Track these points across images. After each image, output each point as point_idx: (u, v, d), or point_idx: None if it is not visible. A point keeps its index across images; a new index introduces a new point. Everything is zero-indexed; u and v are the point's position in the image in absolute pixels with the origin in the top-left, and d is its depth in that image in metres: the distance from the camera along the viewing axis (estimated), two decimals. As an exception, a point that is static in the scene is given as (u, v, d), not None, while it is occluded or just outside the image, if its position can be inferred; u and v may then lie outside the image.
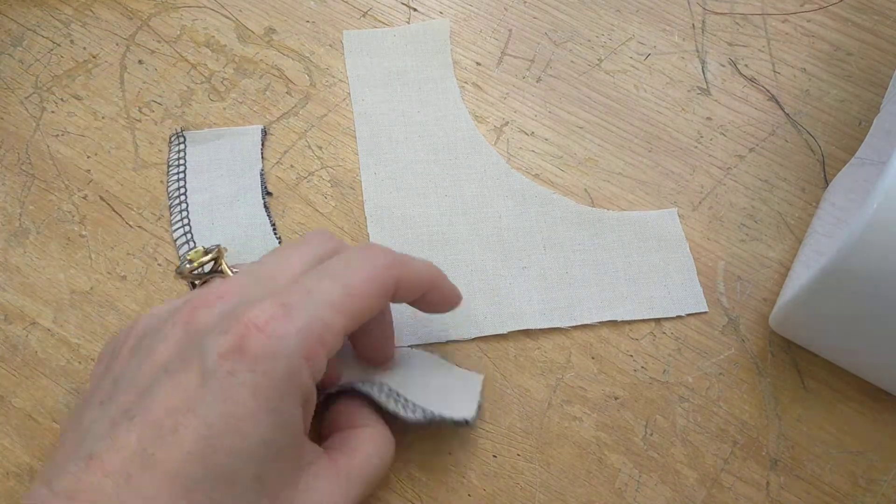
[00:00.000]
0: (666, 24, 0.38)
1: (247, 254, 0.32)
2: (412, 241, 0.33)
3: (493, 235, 0.33)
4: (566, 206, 0.34)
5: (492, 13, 0.38)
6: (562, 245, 0.33)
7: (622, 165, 0.35)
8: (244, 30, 0.37)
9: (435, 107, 0.36)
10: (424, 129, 0.35)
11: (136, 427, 0.20)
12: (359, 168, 0.35)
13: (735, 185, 0.35)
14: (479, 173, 0.34)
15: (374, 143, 0.35)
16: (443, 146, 0.35)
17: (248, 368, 0.21)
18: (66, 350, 0.31)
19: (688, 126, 0.36)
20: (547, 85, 0.37)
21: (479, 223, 0.33)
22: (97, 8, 0.38)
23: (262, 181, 0.34)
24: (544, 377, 0.31)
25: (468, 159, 0.35)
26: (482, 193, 0.34)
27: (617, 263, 0.33)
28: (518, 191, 0.34)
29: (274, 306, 0.22)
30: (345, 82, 0.37)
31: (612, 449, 0.29)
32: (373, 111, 0.36)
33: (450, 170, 0.34)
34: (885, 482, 0.29)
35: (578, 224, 0.33)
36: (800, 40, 0.37)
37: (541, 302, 0.32)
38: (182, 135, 0.35)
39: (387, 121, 0.36)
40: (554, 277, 0.32)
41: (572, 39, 0.38)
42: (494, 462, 0.30)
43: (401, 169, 0.35)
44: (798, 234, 0.34)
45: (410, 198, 0.34)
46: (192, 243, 0.32)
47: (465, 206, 0.34)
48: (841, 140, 0.35)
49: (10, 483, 0.29)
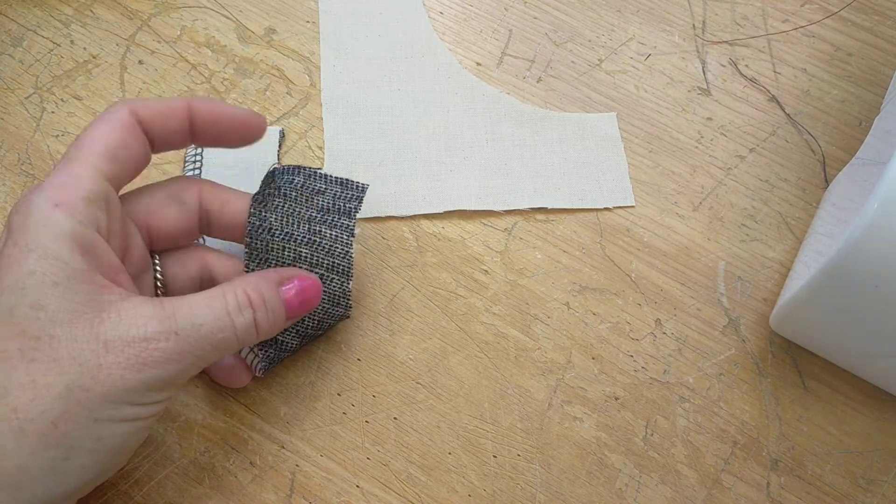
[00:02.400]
0: (666, 24, 0.38)
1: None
2: (363, 127, 0.35)
3: (440, 128, 0.35)
4: (511, 104, 0.36)
5: (492, 13, 0.38)
6: (503, 139, 0.35)
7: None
8: (244, 30, 0.37)
9: (396, 8, 0.38)
10: (385, 28, 0.38)
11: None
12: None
13: (735, 186, 0.35)
14: (432, 71, 0.37)
15: (337, 39, 0.37)
16: (400, 45, 0.37)
17: (9, 236, 0.23)
18: (66, 350, 0.31)
19: (688, 126, 0.36)
20: (547, 85, 0.37)
21: (427, 116, 0.36)
22: (97, 8, 0.38)
23: None
24: (545, 377, 0.31)
25: (423, 59, 0.37)
26: (433, 90, 0.36)
27: (554, 159, 0.35)
28: (467, 88, 0.36)
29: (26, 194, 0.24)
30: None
31: (612, 449, 0.29)
32: (338, 10, 0.38)
33: (404, 66, 0.37)
34: (885, 482, 0.29)
35: (521, 121, 0.36)
36: (800, 40, 0.37)
37: (478, 188, 0.34)
38: None
39: (351, 20, 0.38)
40: (493, 168, 0.35)
41: (573, 40, 0.38)
42: (494, 462, 0.30)
43: (359, 64, 0.37)
44: (798, 234, 0.34)
45: (364, 89, 0.36)
46: (202, 240, 0.32)
47: (415, 99, 0.36)
48: (841, 140, 0.35)
49: (10, 483, 0.29)
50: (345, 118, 0.36)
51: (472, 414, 0.31)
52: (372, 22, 0.38)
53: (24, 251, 0.22)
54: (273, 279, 0.26)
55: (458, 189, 0.34)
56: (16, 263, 0.22)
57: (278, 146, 0.35)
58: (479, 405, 0.31)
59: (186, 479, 0.30)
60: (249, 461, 0.30)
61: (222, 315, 0.24)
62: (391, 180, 0.34)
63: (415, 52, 0.37)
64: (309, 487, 0.30)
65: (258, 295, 0.25)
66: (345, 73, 0.37)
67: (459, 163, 0.35)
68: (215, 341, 0.24)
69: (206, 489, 0.30)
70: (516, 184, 0.34)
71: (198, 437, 0.30)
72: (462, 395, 0.31)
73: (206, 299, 0.24)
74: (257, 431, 0.30)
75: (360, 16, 0.38)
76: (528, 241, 0.34)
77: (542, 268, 0.33)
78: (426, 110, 0.36)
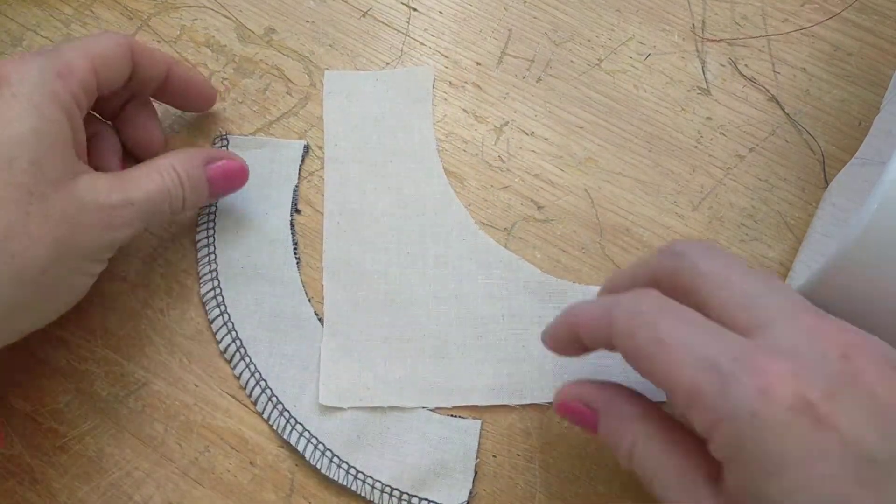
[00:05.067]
0: (666, 24, 0.38)
1: (265, 268, 0.32)
2: (367, 297, 0.32)
3: (452, 299, 0.32)
4: (531, 274, 0.32)
5: (492, 13, 0.38)
6: (522, 316, 0.31)
7: (622, 165, 0.35)
8: (244, 30, 0.37)
9: (409, 158, 0.34)
10: (396, 180, 0.34)
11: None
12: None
13: (735, 185, 0.35)
14: (446, 231, 0.33)
15: (342, 192, 0.34)
16: (412, 200, 0.34)
17: (6, 85, 0.25)
18: (65, 351, 0.31)
19: (688, 126, 0.36)
20: (547, 85, 0.37)
21: (439, 285, 0.32)
22: (97, 8, 0.38)
23: (294, 198, 0.34)
24: (544, 377, 0.31)
25: (436, 216, 0.33)
26: (446, 253, 0.33)
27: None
28: (483, 252, 0.33)
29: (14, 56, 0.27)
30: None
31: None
32: (345, 157, 0.34)
33: (416, 225, 0.33)
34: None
35: (541, 295, 0.32)
36: (800, 40, 0.37)
37: (492, 376, 0.31)
38: (226, 137, 0.35)
39: (358, 169, 0.34)
40: (509, 351, 0.31)
41: (572, 39, 0.38)
42: (494, 462, 0.30)
43: (365, 221, 0.33)
44: (798, 234, 0.34)
45: (371, 252, 0.33)
46: (213, 247, 0.32)
47: (425, 265, 0.32)
48: (841, 140, 0.35)
49: (10, 483, 0.29)
50: (347, 286, 0.32)
51: (473, 413, 0.31)
52: (382, 171, 0.34)
53: (27, 107, 0.25)
54: (201, 158, 0.30)
55: (470, 377, 0.31)
56: (18, 117, 0.25)
57: (300, 161, 0.34)
58: (479, 405, 0.31)
59: (186, 479, 0.30)
60: (249, 461, 0.30)
61: (161, 188, 0.28)
62: (396, 361, 0.31)
63: (427, 208, 0.33)
64: (309, 487, 0.30)
65: (185, 172, 0.29)
66: (349, 232, 0.33)
67: (472, 343, 0.31)
68: (156, 209, 0.28)
69: (206, 489, 0.30)
70: (535, 374, 0.31)
71: (198, 437, 0.30)
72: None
73: (147, 174, 0.28)
74: (257, 432, 0.30)
75: (369, 164, 0.34)
76: (528, 241, 0.34)
77: (542, 268, 0.33)
78: (437, 278, 0.32)
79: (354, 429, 0.30)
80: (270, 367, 0.31)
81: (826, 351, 0.19)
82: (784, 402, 0.18)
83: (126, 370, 0.31)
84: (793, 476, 0.18)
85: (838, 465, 0.18)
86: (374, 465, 0.29)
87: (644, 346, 0.21)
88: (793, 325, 0.20)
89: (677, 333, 0.21)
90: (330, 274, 0.32)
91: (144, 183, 0.28)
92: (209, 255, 0.32)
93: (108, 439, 0.30)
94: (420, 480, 0.29)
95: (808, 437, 0.18)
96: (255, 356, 0.31)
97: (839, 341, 0.20)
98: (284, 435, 0.29)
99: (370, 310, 0.32)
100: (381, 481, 0.29)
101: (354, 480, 0.29)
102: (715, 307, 0.22)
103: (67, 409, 0.31)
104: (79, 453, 0.30)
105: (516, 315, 0.32)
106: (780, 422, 0.18)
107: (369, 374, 0.31)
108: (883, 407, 0.19)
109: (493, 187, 0.35)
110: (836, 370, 0.19)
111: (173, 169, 0.29)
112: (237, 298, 0.32)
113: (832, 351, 0.19)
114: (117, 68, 0.29)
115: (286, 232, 0.33)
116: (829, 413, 0.18)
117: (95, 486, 0.30)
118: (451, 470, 0.29)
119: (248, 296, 0.32)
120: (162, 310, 0.32)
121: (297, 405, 0.30)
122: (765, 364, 0.19)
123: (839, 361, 0.19)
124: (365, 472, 0.29)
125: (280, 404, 0.30)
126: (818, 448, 0.18)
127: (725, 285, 0.22)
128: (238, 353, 0.31)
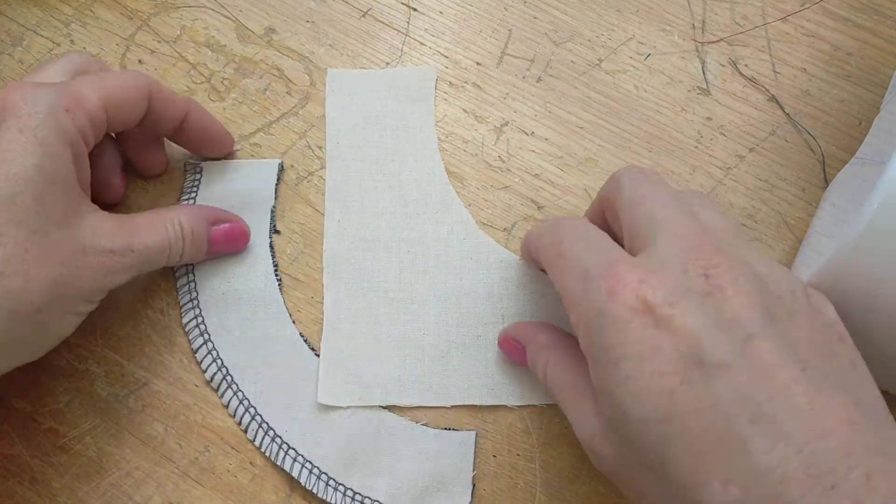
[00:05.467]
0: (666, 24, 0.38)
1: (247, 292, 0.32)
2: (368, 295, 0.32)
3: (452, 299, 0.32)
4: (531, 275, 0.32)
5: (492, 13, 0.38)
6: (521, 315, 0.32)
7: (622, 165, 0.35)
8: (244, 30, 0.37)
9: (411, 157, 0.34)
10: (397, 179, 0.34)
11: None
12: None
13: (735, 185, 0.35)
14: (447, 230, 0.33)
15: (343, 190, 0.34)
16: (413, 199, 0.34)
17: (13, 116, 0.25)
18: (65, 350, 0.31)
19: (688, 126, 0.36)
20: (547, 85, 0.37)
21: (439, 284, 0.32)
22: (97, 8, 0.38)
23: (271, 219, 0.33)
24: (544, 377, 0.31)
25: (437, 215, 0.33)
26: (447, 252, 0.33)
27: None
28: (483, 252, 0.33)
29: (25, 83, 0.26)
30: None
31: (612, 449, 0.29)
32: (347, 155, 0.34)
33: (417, 224, 0.33)
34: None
35: (541, 295, 0.32)
36: (800, 40, 0.37)
37: (491, 375, 0.31)
38: (200, 165, 0.34)
39: (359, 167, 0.34)
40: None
41: (572, 39, 0.38)
42: (494, 462, 0.30)
43: (366, 219, 0.33)
44: (798, 234, 0.34)
45: (371, 251, 0.33)
46: (193, 275, 0.32)
47: (426, 264, 0.32)
48: (841, 140, 0.35)
49: (9, 483, 0.29)
50: (348, 285, 0.32)
51: (472, 414, 0.31)
52: (383, 170, 0.34)
53: (32, 141, 0.25)
54: (207, 218, 0.31)
55: (469, 377, 0.31)
56: (23, 153, 0.24)
57: (276, 180, 0.34)
58: (478, 405, 0.31)
59: (186, 479, 0.30)
60: (249, 461, 0.30)
61: (164, 241, 0.28)
62: (395, 360, 0.31)
63: (429, 207, 0.33)
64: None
65: (189, 228, 0.29)
66: (349, 229, 0.33)
67: (471, 343, 0.31)
68: (154, 260, 0.28)
69: (206, 489, 0.30)
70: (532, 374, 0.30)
71: (198, 437, 0.30)
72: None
73: (152, 224, 0.28)
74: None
75: (371, 163, 0.34)
76: (528, 241, 0.34)
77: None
78: (437, 277, 0.32)
79: (348, 449, 0.30)
80: (259, 393, 0.30)
81: (689, 268, 0.21)
82: (626, 303, 0.21)
83: (126, 370, 0.31)
84: (627, 367, 0.20)
85: (668, 363, 0.20)
86: (371, 484, 0.29)
87: (549, 261, 0.25)
88: (671, 245, 0.22)
89: (572, 249, 0.24)
90: (330, 273, 0.32)
91: (148, 233, 0.28)
92: (189, 284, 0.32)
93: (108, 439, 0.30)
94: (418, 497, 0.29)
95: (644, 333, 0.20)
96: (242, 383, 0.31)
97: (708, 263, 0.21)
98: (278, 461, 0.29)
99: (370, 309, 0.32)
100: (380, 501, 0.29)
101: (352, 502, 0.29)
102: (624, 227, 0.24)
103: (67, 409, 0.31)
104: (79, 453, 0.30)
105: (515, 315, 0.32)
106: (620, 318, 0.21)
107: (369, 373, 0.31)
108: (728, 321, 0.20)
109: (494, 187, 0.35)
110: (690, 284, 0.21)
111: (179, 224, 0.29)
112: (220, 325, 0.31)
113: (695, 269, 0.21)
114: (130, 109, 0.28)
115: (266, 255, 0.33)
116: (668, 316, 0.20)
117: (95, 486, 0.30)
118: (448, 484, 0.29)
119: (230, 322, 0.31)
120: (162, 310, 0.32)
121: (288, 430, 0.30)
122: (620, 272, 0.21)
123: (699, 278, 0.21)
124: (362, 493, 0.29)
125: (271, 430, 0.30)
126: (651, 345, 0.20)
127: (636, 208, 0.24)
128: (225, 380, 0.31)
